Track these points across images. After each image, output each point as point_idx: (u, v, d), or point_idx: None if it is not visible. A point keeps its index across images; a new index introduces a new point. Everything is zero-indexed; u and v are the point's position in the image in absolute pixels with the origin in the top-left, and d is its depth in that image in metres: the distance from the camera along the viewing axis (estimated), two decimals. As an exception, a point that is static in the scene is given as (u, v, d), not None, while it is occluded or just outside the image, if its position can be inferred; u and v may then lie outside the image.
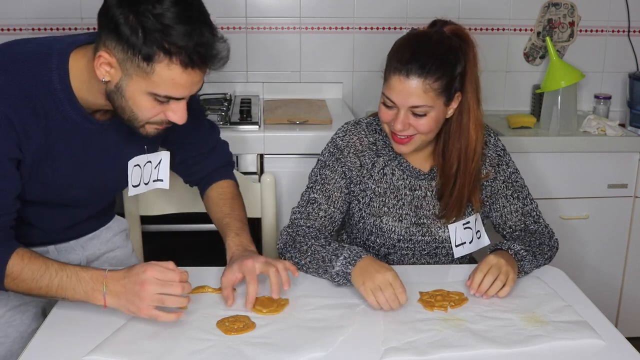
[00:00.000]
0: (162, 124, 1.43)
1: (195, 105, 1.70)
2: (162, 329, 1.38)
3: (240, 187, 2.09)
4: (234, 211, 1.72)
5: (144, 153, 1.60)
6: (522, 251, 1.61)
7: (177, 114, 1.40)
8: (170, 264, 1.38)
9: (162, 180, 1.64)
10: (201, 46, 1.32)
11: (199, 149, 1.77)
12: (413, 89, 1.58)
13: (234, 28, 2.96)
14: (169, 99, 1.37)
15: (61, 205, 1.58)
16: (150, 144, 1.61)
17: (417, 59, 1.58)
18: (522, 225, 1.79)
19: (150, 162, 1.61)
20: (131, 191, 1.61)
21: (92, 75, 1.37)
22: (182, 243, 2.61)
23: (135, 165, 1.59)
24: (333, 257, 1.56)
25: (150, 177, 1.63)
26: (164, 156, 1.64)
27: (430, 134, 1.67)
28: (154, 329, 1.38)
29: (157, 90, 1.34)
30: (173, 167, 1.71)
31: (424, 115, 1.62)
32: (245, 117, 2.61)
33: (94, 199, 1.66)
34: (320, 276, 1.60)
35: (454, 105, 1.66)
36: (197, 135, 1.75)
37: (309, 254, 1.61)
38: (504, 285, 1.52)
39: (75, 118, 1.44)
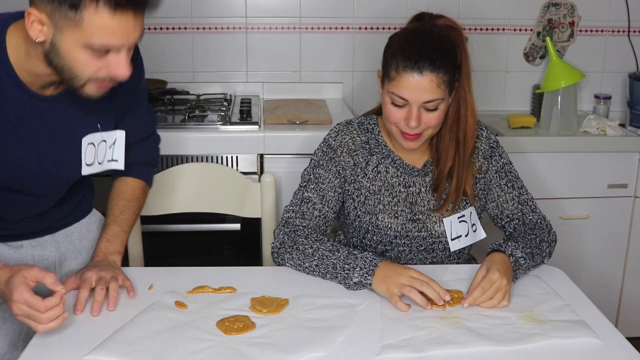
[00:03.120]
0: (104, 82, 1.37)
1: (140, 87, 1.66)
2: (162, 329, 1.38)
3: (240, 187, 2.09)
4: (122, 214, 1.69)
5: (97, 131, 1.55)
6: (521, 259, 1.60)
7: (120, 67, 1.34)
8: (48, 278, 1.31)
9: (116, 161, 1.60)
10: None
11: (134, 135, 1.69)
12: (427, 85, 1.60)
13: (233, 28, 2.96)
14: (106, 50, 1.32)
15: (17, 191, 1.52)
16: (103, 122, 1.56)
17: (426, 55, 1.60)
18: (520, 214, 1.79)
19: (105, 141, 1.57)
20: (84, 170, 1.57)
21: (30, 43, 1.33)
22: (182, 243, 2.61)
23: (89, 144, 1.55)
24: (346, 266, 1.56)
25: (105, 157, 1.58)
26: (119, 136, 1.59)
27: (437, 127, 1.69)
28: (154, 329, 1.38)
29: (92, 41, 1.29)
30: None
31: (435, 109, 1.64)
32: (245, 117, 2.61)
33: (49, 183, 1.58)
34: (326, 279, 1.60)
35: (454, 96, 1.69)
36: (137, 119, 1.69)
37: (316, 257, 1.61)
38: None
39: (16, 94, 1.40)
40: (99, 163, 1.58)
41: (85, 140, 1.54)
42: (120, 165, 1.61)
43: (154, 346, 1.32)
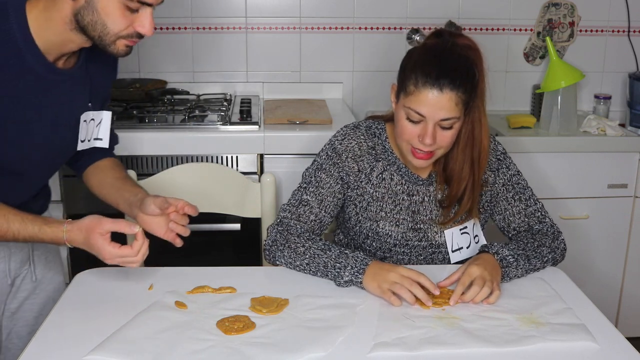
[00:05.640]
0: (132, 38, 1.44)
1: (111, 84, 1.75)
2: (162, 329, 1.38)
3: (240, 187, 2.09)
4: (128, 178, 1.73)
5: (89, 109, 1.62)
6: (510, 257, 1.61)
7: (146, 24, 1.42)
8: (122, 227, 1.42)
9: (101, 139, 1.67)
10: None
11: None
12: (446, 102, 1.59)
13: (234, 28, 2.96)
14: (141, 3, 1.39)
15: (8, 172, 1.53)
16: (93, 102, 1.63)
17: (447, 73, 1.59)
18: (526, 227, 1.78)
19: (93, 120, 1.64)
20: (79, 145, 1.64)
21: (52, 10, 1.39)
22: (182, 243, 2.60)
23: (84, 121, 1.62)
24: (337, 265, 1.57)
25: (92, 134, 1.65)
26: (106, 116, 1.67)
27: (448, 147, 1.68)
28: (154, 329, 1.38)
29: None
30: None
31: (450, 128, 1.63)
32: (245, 117, 2.61)
33: (46, 158, 1.61)
34: (318, 277, 1.61)
35: (467, 116, 1.68)
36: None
37: (308, 256, 1.61)
38: (491, 292, 1.52)
39: (37, 68, 1.44)
40: (88, 140, 1.65)
41: (82, 117, 1.61)
42: (105, 143, 1.68)
43: (154, 346, 1.32)
